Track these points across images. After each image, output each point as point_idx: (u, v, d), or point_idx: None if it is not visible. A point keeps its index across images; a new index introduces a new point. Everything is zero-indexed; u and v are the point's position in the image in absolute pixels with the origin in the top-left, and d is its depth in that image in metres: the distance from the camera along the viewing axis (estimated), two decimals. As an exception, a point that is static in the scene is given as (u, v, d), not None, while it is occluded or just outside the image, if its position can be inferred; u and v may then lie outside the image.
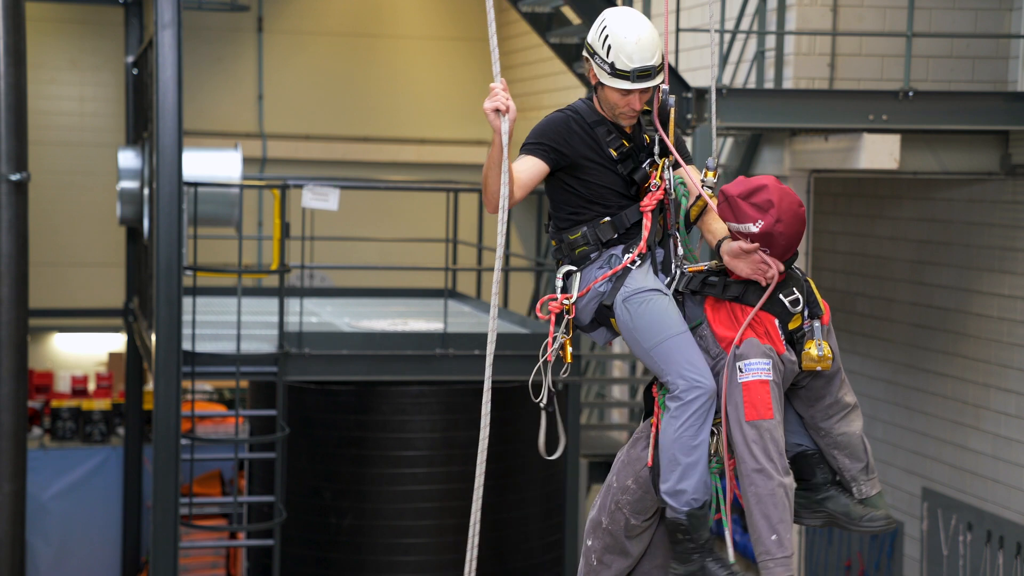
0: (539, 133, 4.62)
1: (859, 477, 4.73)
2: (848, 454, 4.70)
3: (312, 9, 17.94)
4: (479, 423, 4.46)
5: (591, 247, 4.70)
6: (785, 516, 4.47)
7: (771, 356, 4.47)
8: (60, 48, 17.26)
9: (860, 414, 4.75)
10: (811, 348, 4.52)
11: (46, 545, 14.54)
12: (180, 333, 9.35)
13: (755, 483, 4.46)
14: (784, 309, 4.53)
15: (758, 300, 4.52)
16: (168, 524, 9.35)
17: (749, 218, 4.48)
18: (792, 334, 4.54)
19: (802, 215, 4.50)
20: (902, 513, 11.27)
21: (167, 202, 9.25)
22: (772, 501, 4.46)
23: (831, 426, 4.69)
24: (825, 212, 12.01)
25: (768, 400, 4.43)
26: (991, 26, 10.38)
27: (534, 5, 10.67)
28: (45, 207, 16.09)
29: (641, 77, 4.53)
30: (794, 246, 4.53)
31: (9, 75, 9.17)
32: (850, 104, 9.55)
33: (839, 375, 4.66)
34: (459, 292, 13.81)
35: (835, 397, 4.66)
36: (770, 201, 4.46)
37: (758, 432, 4.44)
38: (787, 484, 4.48)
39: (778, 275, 4.49)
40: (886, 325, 11.54)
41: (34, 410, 15.17)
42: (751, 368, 4.45)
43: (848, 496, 4.75)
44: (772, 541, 4.47)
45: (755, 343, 4.48)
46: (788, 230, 4.47)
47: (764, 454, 4.44)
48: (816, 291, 4.62)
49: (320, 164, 17.56)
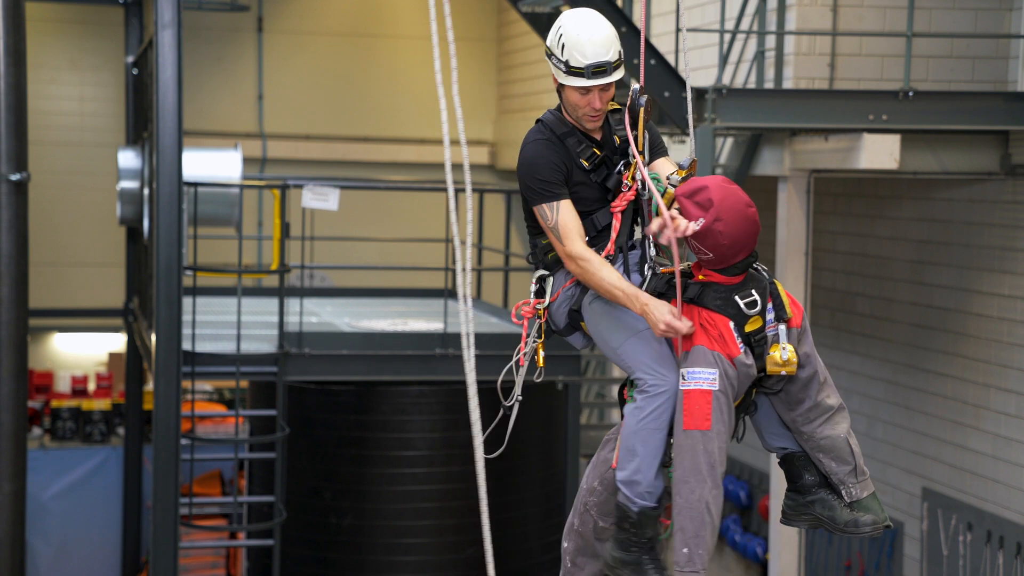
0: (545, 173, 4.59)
1: (847, 480, 4.68)
2: (834, 457, 4.66)
3: (312, 9, 17.94)
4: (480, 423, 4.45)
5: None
6: (701, 532, 4.40)
7: (719, 365, 4.40)
8: (60, 48, 17.27)
9: (846, 416, 4.70)
10: (775, 352, 4.47)
11: (46, 545, 14.55)
12: (180, 333, 9.35)
13: (679, 492, 4.42)
14: (739, 311, 4.47)
15: (713, 302, 4.47)
16: (168, 524, 9.35)
17: (692, 216, 4.44)
18: (750, 336, 4.48)
19: (749, 214, 4.45)
20: (902, 513, 11.27)
21: (167, 202, 9.25)
22: (689, 514, 4.41)
23: (813, 430, 4.64)
24: (825, 212, 12.01)
25: (707, 411, 4.38)
26: (991, 26, 10.38)
27: (534, 5, 10.67)
28: (45, 207, 16.10)
29: (596, 73, 4.50)
30: (743, 245, 4.45)
31: (9, 75, 9.17)
32: (850, 104, 9.55)
33: (816, 378, 4.60)
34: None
35: (815, 400, 4.61)
36: (710, 200, 4.43)
37: (692, 442, 4.39)
38: (710, 499, 4.39)
39: (677, 232, 4.37)
40: (886, 325, 11.54)
41: (34, 410, 15.17)
42: (694, 377, 4.40)
43: (837, 499, 4.71)
44: (683, 554, 4.42)
45: (702, 351, 4.42)
46: (729, 228, 4.41)
47: (692, 465, 4.39)
48: (784, 294, 4.56)
49: (320, 164, 17.56)
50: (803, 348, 4.58)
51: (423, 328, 11.05)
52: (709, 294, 4.49)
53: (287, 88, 17.77)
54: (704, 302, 4.49)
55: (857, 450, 4.69)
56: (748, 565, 13.34)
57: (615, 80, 4.56)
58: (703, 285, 4.50)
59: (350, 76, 17.91)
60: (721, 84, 9.64)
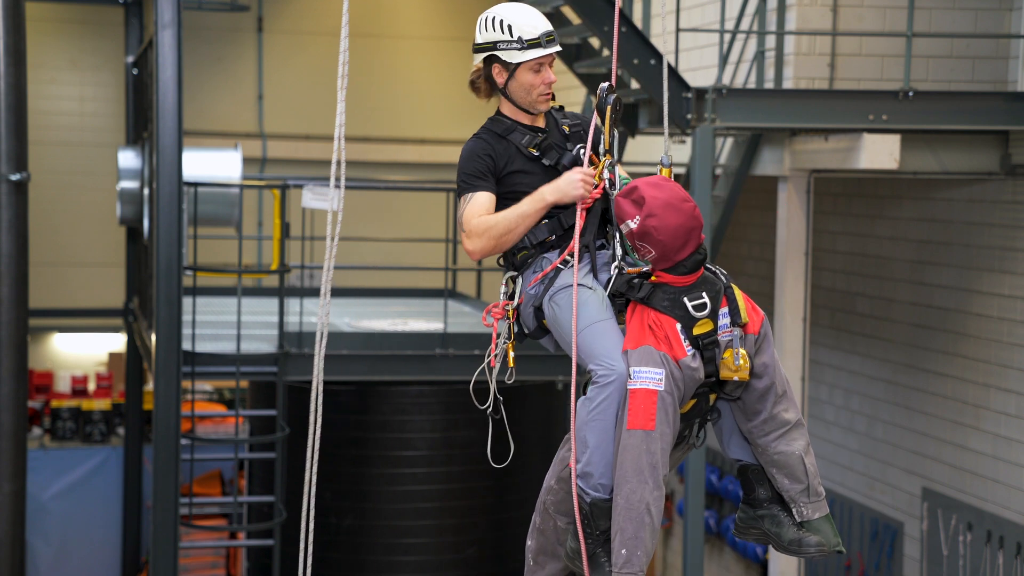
0: (468, 167, 4.69)
1: (798, 499, 4.60)
2: (787, 474, 4.58)
3: (312, 9, 17.94)
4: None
5: (529, 251, 4.72)
6: (640, 533, 4.36)
7: (666, 365, 4.38)
8: (60, 48, 17.27)
9: (803, 433, 4.61)
10: (728, 356, 4.43)
11: (46, 545, 14.55)
12: (180, 333, 9.35)
13: (620, 492, 4.39)
14: (687, 313, 4.44)
15: (660, 303, 4.45)
16: (168, 524, 9.34)
17: (628, 215, 4.45)
18: (698, 339, 4.43)
19: (684, 208, 4.42)
20: (902, 513, 11.27)
21: (167, 202, 9.25)
22: (628, 515, 4.37)
23: (767, 443, 4.56)
24: (825, 212, 12.01)
25: (652, 411, 4.34)
26: (991, 26, 10.38)
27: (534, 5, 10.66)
28: (45, 207, 16.10)
29: (550, 41, 4.71)
30: (681, 240, 4.43)
31: (9, 75, 9.17)
32: (850, 104, 9.55)
33: (773, 390, 4.53)
34: (459, 292, 13.81)
35: (770, 413, 4.53)
36: (642, 196, 4.43)
37: (635, 442, 4.35)
38: (650, 500, 4.35)
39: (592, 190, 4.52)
40: (886, 325, 11.54)
41: (34, 410, 15.17)
42: (640, 376, 4.37)
43: (788, 516, 4.63)
44: (621, 555, 4.38)
45: (650, 350, 4.39)
46: (663, 223, 4.39)
47: (634, 465, 4.36)
48: (741, 298, 4.52)
49: (320, 164, 17.56)
50: (761, 357, 4.52)
51: (423, 328, 11.05)
52: (658, 295, 4.47)
53: (287, 88, 17.77)
54: (652, 303, 4.47)
55: (812, 470, 4.60)
56: (748, 565, 13.34)
57: (560, 50, 4.78)
58: (654, 286, 4.48)
59: (350, 76, 17.88)
60: (721, 84, 9.64)
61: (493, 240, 4.64)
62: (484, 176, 4.68)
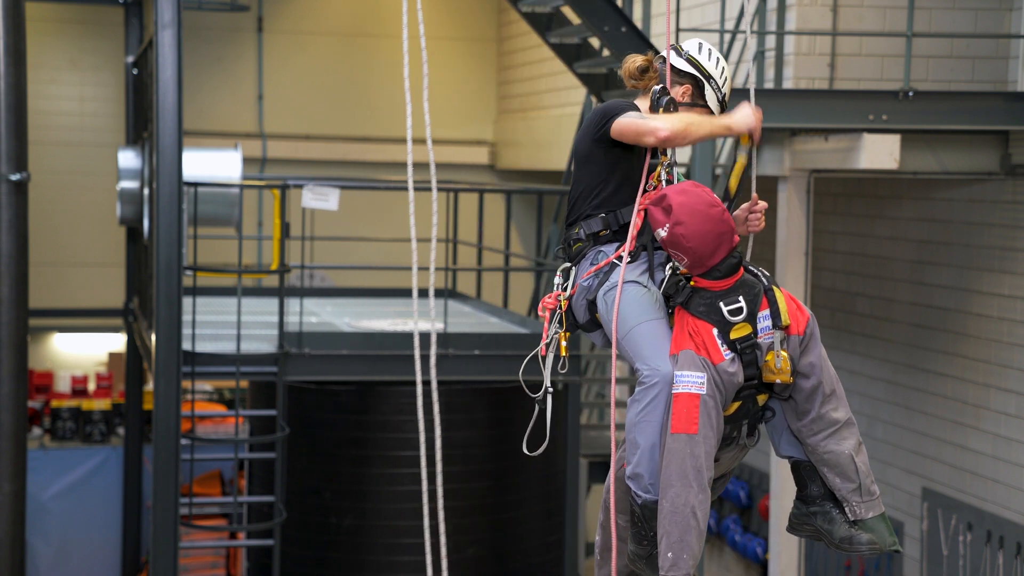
0: (626, 104, 4.78)
1: (851, 498, 4.62)
2: (838, 473, 4.60)
3: (312, 9, 17.94)
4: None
5: (585, 243, 4.74)
6: (686, 536, 4.38)
7: (708, 370, 4.40)
8: (60, 48, 17.27)
9: (854, 432, 4.63)
10: (769, 359, 4.45)
11: (46, 545, 14.55)
12: (180, 333, 9.35)
13: (665, 496, 4.42)
14: (722, 318, 4.45)
15: (696, 308, 4.47)
16: (168, 524, 9.34)
17: (659, 224, 4.48)
18: (736, 343, 4.45)
19: (712, 214, 4.44)
20: (902, 513, 11.28)
21: (167, 202, 9.25)
22: (674, 518, 4.39)
23: (817, 442, 4.59)
24: (825, 212, 12.01)
25: (695, 414, 4.37)
26: (991, 26, 10.38)
27: (534, 5, 10.66)
28: (45, 207, 16.09)
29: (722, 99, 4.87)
30: (711, 245, 4.45)
31: (9, 75, 9.17)
32: (850, 104, 9.55)
33: (820, 390, 4.56)
34: (459, 292, 13.81)
35: (818, 412, 4.56)
36: (670, 205, 4.46)
37: (679, 446, 4.38)
38: (695, 504, 4.38)
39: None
40: (886, 325, 11.54)
41: (34, 410, 15.17)
42: (682, 380, 4.40)
43: (841, 514, 4.66)
44: (667, 559, 4.41)
45: (691, 355, 4.42)
46: (690, 230, 4.42)
47: (679, 469, 4.38)
48: (783, 300, 4.52)
49: (320, 164, 17.56)
50: (807, 358, 4.54)
51: (423, 328, 11.04)
52: (695, 300, 4.49)
53: (287, 88, 17.76)
54: (689, 308, 4.50)
55: (864, 469, 4.62)
56: (748, 565, 13.34)
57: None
58: (692, 291, 4.51)
59: (350, 76, 17.90)
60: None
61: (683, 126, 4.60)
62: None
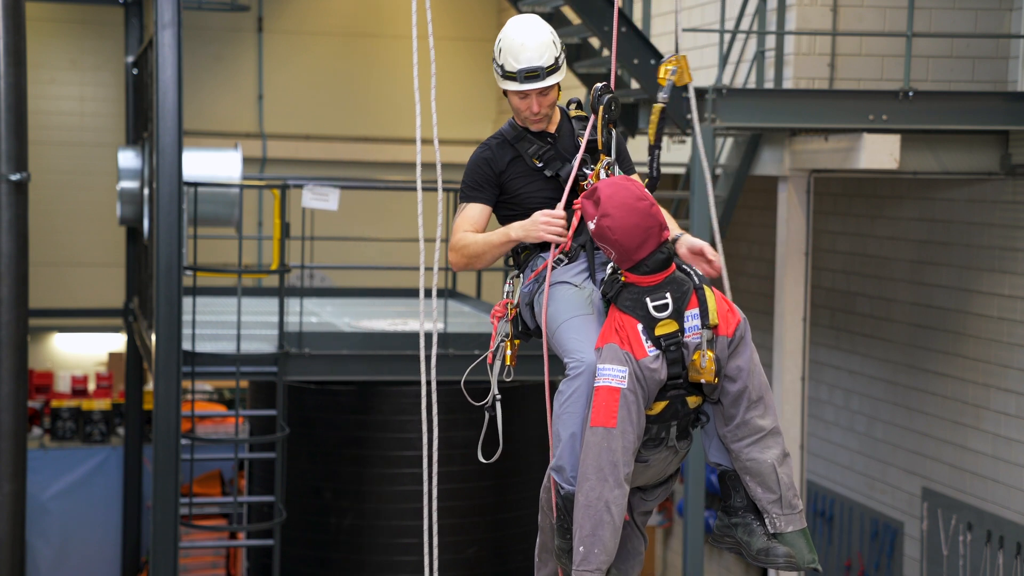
0: (469, 177, 4.82)
1: (771, 509, 4.52)
2: (759, 482, 4.51)
3: (312, 9, 17.94)
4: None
5: (531, 251, 4.79)
6: (598, 531, 4.34)
7: (630, 364, 4.36)
8: (60, 48, 17.27)
9: (779, 442, 4.53)
10: (696, 358, 4.40)
11: (46, 545, 14.55)
12: (180, 333, 9.35)
13: (581, 489, 4.39)
14: (648, 313, 4.41)
15: (623, 303, 4.45)
16: (168, 524, 9.34)
17: (589, 216, 4.47)
18: (660, 340, 4.40)
19: (639, 207, 4.39)
20: (902, 513, 11.28)
21: (167, 202, 9.25)
22: (586, 512, 4.36)
23: (740, 449, 4.50)
24: (825, 212, 12.01)
25: (614, 408, 4.33)
26: (991, 26, 10.38)
27: (534, 5, 10.66)
28: (45, 207, 16.10)
29: (529, 78, 4.63)
30: (637, 239, 4.40)
31: (9, 75, 9.16)
32: (850, 104, 9.55)
33: (746, 395, 4.47)
34: (459, 292, 13.81)
35: (743, 418, 4.48)
36: (599, 197, 4.44)
37: (596, 439, 4.34)
38: (610, 499, 4.33)
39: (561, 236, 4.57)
40: (886, 325, 11.54)
41: (34, 410, 15.17)
42: (604, 373, 4.36)
43: (761, 526, 4.56)
44: (578, 552, 4.38)
45: (614, 349, 4.38)
46: (616, 223, 4.39)
47: (595, 463, 4.34)
48: (714, 300, 4.46)
49: (320, 164, 17.57)
50: (735, 361, 4.47)
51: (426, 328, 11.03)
52: (623, 295, 4.47)
53: (287, 88, 17.77)
54: (617, 303, 4.47)
55: (786, 481, 4.52)
56: (748, 565, 13.34)
57: (549, 85, 4.66)
58: (622, 286, 4.48)
59: (350, 76, 17.91)
60: (721, 84, 9.64)
61: (465, 258, 4.76)
62: (480, 187, 4.78)
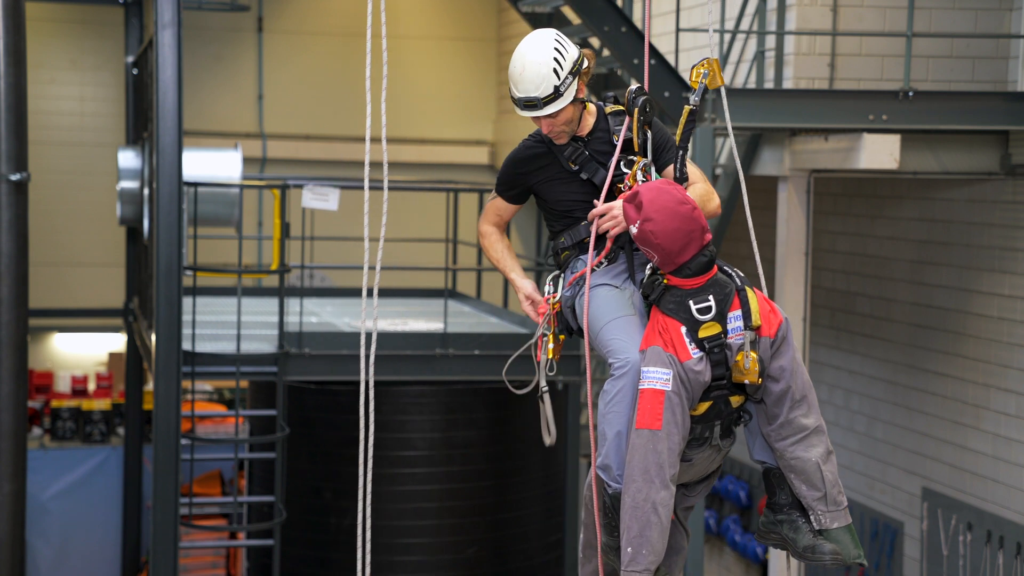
0: (503, 172, 4.85)
1: (816, 507, 4.58)
2: (804, 480, 4.56)
3: (312, 9, 17.94)
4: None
5: (571, 251, 4.80)
6: (646, 532, 4.39)
7: (674, 366, 4.39)
8: (60, 48, 17.27)
9: (823, 440, 4.58)
10: (739, 359, 4.44)
11: (46, 545, 14.55)
12: (180, 333, 9.35)
13: (627, 491, 4.43)
14: (691, 316, 4.45)
15: (666, 306, 4.47)
16: (168, 524, 9.35)
17: (631, 220, 4.48)
18: (704, 342, 4.44)
19: (681, 211, 4.41)
20: (902, 513, 11.28)
21: (167, 202, 9.25)
22: (633, 514, 4.40)
23: (784, 448, 4.56)
24: (825, 212, 12.01)
25: (659, 410, 4.37)
26: (991, 26, 10.38)
27: (534, 5, 10.67)
28: (45, 207, 16.09)
29: (527, 107, 4.60)
30: (680, 243, 4.43)
31: (9, 75, 9.16)
32: (850, 104, 9.55)
33: (789, 394, 4.52)
34: (459, 292, 13.81)
35: (786, 417, 4.53)
36: (641, 201, 4.45)
37: (642, 441, 4.38)
38: (657, 500, 4.38)
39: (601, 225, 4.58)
40: (886, 325, 11.54)
41: (34, 410, 15.17)
42: (648, 376, 4.40)
43: (806, 523, 4.62)
44: (626, 553, 4.42)
45: (658, 351, 4.42)
46: (659, 227, 4.41)
47: (641, 464, 4.38)
48: (756, 301, 4.50)
49: (320, 164, 17.56)
50: (778, 361, 4.52)
51: (423, 328, 11.05)
52: (666, 298, 4.49)
53: (287, 88, 17.76)
54: (660, 306, 4.50)
55: (831, 478, 4.58)
56: (748, 565, 13.34)
57: (549, 113, 4.59)
58: (664, 288, 4.51)
59: (350, 76, 17.90)
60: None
61: (484, 249, 4.96)
62: (508, 186, 4.84)
